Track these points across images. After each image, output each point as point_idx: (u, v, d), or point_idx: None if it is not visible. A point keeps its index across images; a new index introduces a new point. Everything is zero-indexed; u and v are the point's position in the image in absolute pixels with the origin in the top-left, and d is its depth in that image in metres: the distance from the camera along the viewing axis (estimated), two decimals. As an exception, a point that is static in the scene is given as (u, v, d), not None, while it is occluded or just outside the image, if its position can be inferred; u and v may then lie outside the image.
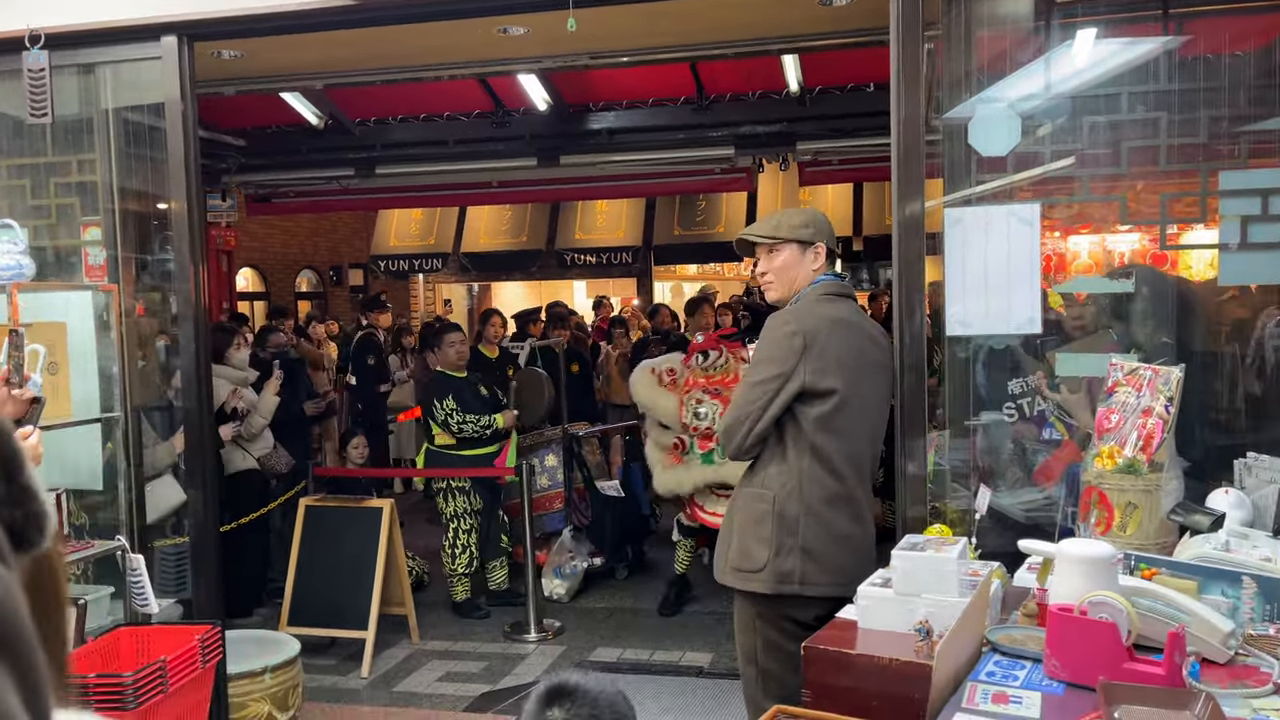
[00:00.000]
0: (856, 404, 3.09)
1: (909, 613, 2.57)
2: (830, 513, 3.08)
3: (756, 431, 3.07)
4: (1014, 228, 3.15)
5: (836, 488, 3.08)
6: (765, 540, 3.09)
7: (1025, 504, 3.55)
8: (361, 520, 6.10)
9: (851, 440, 3.10)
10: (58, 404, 3.66)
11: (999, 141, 3.18)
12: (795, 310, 3.17)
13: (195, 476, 4.05)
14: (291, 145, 7.73)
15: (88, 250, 3.98)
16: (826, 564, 3.06)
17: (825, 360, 3.04)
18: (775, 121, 6.87)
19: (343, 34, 3.92)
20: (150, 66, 3.85)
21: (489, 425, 6.54)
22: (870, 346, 3.20)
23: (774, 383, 3.04)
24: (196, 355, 4.01)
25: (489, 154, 7.43)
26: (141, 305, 4.09)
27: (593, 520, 7.45)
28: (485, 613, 6.74)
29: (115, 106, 4.05)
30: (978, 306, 3.20)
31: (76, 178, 4.04)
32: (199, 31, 3.79)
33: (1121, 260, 7.90)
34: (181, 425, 4.58)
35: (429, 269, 13.25)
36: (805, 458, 3.06)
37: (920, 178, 3.24)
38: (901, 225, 3.32)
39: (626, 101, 7.03)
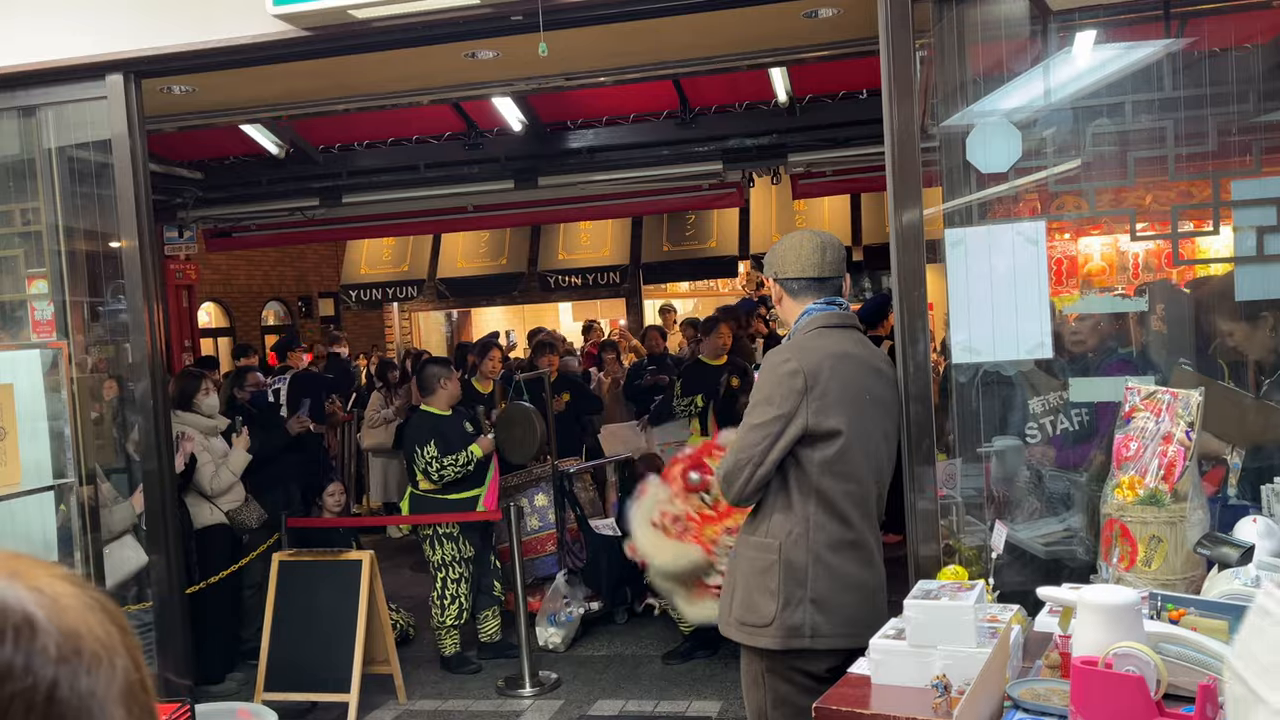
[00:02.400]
0: (861, 444, 3.08)
1: (924, 666, 2.56)
2: (839, 560, 3.06)
3: (758, 477, 3.05)
4: (1019, 247, 3.16)
5: (844, 533, 3.07)
6: (772, 592, 3.06)
7: (1045, 537, 3.55)
8: (340, 574, 6.06)
9: (857, 482, 3.09)
10: (6, 471, 3.64)
11: (999, 156, 3.19)
12: (794, 345, 3.16)
13: (157, 540, 4.02)
14: (251, 176, 7.74)
15: (34, 305, 3.97)
16: (837, 615, 3.04)
17: (827, 400, 3.02)
18: (764, 134, 6.90)
19: (301, 65, 3.93)
20: (96, 106, 3.85)
21: (468, 461, 6.49)
22: (874, 381, 3.18)
23: (775, 425, 3.02)
24: (155, 411, 4.00)
25: (463, 178, 7.44)
26: (97, 359, 4.07)
27: (588, 562, 7.41)
28: (477, 667, 6.69)
29: (59, 145, 4.04)
30: (984, 331, 3.20)
31: (20, 228, 4.03)
32: (146, 69, 3.79)
33: (1135, 263, 7.90)
34: (137, 483, 4.56)
35: (404, 297, 13.25)
36: (810, 503, 3.05)
37: (917, 191, 3.26)
38: (900, 241, 3.32)
39: (606, 118, 7.05)
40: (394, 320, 15.92)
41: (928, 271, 3.47)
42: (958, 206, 3.56)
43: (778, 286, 3.28)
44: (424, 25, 3.48)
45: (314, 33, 3.53)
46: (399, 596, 7.63)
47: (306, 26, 3.47)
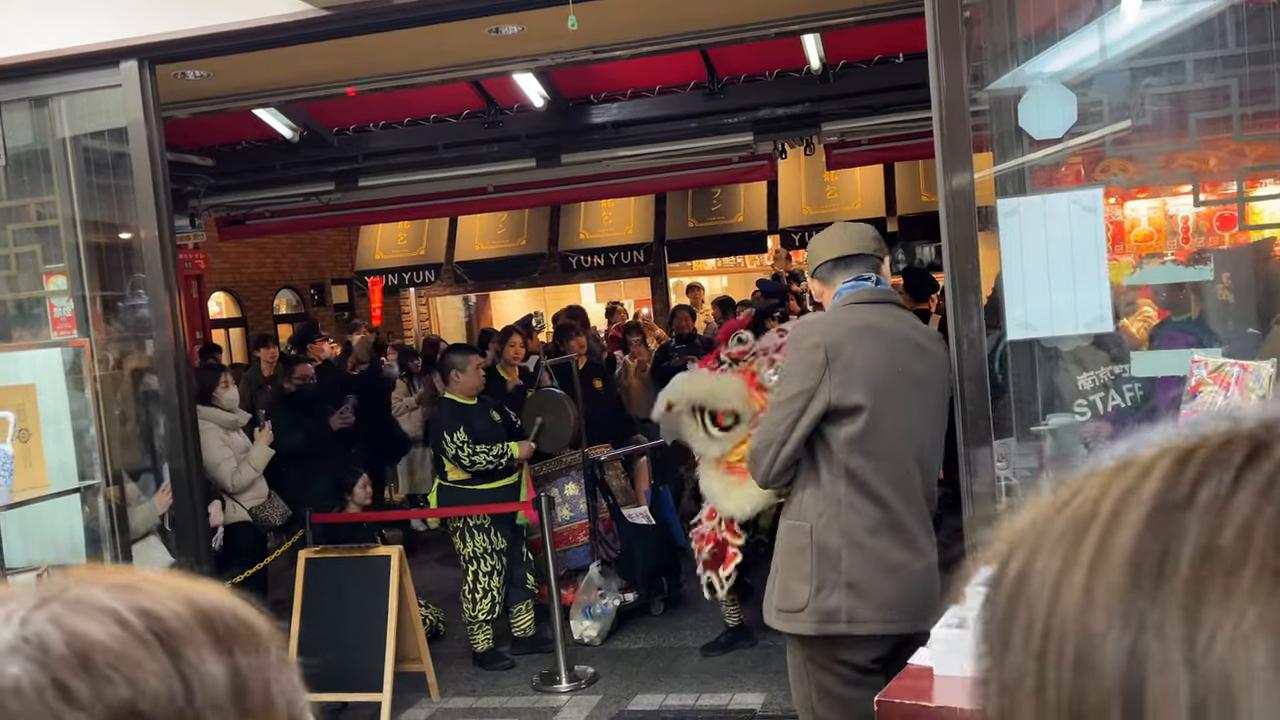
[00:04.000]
0: (893, 421, 3.07)
1: (989, 656, 2.55)
2: (875, 542, 3.05)
3: (784, 456, 3.07)
4: (1076, 216, 3.13)
5: (879, 514, 3.06)
6: (805, 576, 3.08)
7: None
8: (368, 570, 6.10)
9: (892, 461, 3.09)
10: (32, 474, 3.68)
11: (1053, 121, 3.16)
12: (820, 318, 3.23)
13: (187, 541, 4.06)
14: (264, 161, 7.76)
15: (53, 302, 4.01)
16: (876, 598, 3.04)
17: (851, 373, 3.02)
18: (797, 102, 6.85)
19: (318, 46, 3.93)
20: (110, 95, 3.87)
21: (503, 454, 6.52)
22: (912, 356, 3.16)
23: (798, 401, 3.04)
24: (180, 407, 4.03)
25: (483, 157, 7.44)
26: (118, 355, 4.11)
27: (622, 552, 7.43)
28: (510, 662, 6.73)
29: (74, 136, 4.07)
30: (1040, 306, 3.18)
31: (36, 223, 4.07)
32: (161, 54, 3.81)
33: (1185, 227, 7.81)
34: (163, 482, 4.61)
35: (421, 282, 13.29)
36: (841, 483, 3.06)
37: (968, 158, 3.23)
38: (950, 212, 3.29)
39: (631, 91, 7.02)
40: (411, 306, 15.96)
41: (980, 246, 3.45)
42: (1008, 170, 3.52)
43: (816, 283, 3.34)
44: (448, 0, 3.47)
45: (333, 12, 3.54)
46: (427, 591, 7.67)
47: (326, 6, 3.47)
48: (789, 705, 5.74)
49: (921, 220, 11.60)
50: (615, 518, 7.43)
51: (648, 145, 7.36)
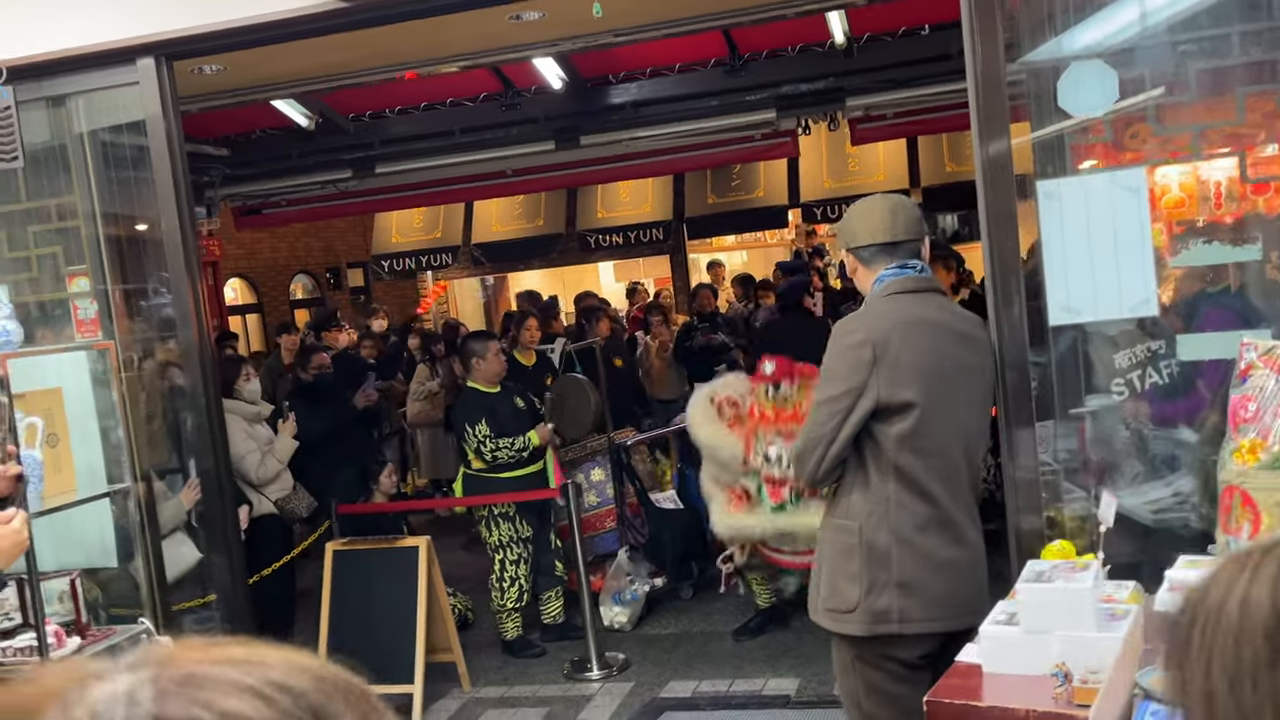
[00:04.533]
0: (943, 416, 3.03)
1: (1040, 653, 2.53)
2: (924, 539, 3.03)
3: (831, 455, 3.03)
4: (1118, 197, 3.08)
5: (929, 512, 3.03)
6: (855, 576, 3.05)
7: (1152, 504, 3.49)
8: (397, 562, 6.13)
9: (941, 457, 3.05)
10: (61, 478, 3.70)
11: (1093, 99, 3.10)
12: (862, 314, 3.14)
13: (218, 541, 4.08)
14: (280, 150, 7.76)
15: (76, 304, 4.01)
16: (927, 597, 3.02)
17: (899, 370, 2.97)
18: (820, 78, 6.78)
19: (336, 37, 3.91)
20: (127, 92, 3.86)
21: (524, 448, 6.52)
22: (958, 347, 3.11)
23: (844, 400, 2.99)
24: (208, 405, 4.04)
25: (501, 141, 7.41)
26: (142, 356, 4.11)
27: (650, 537, 7.44)
28: (540, 650, 6.76)
29: (91, 134, 4.06)
30: (1083, 290, 3.14)
31: (57, 224, 4.07)
32: (178, 50, 3.80)
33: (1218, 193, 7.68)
34: (189, 478, 4.64)
35: (438, 265, 13.28)
36: (890, 481, 3.02)
37: (1005, 131, 3.17)
38: (989, 190, 3.24)
39: (650, 70, 6.97)
40: (429, 289, 15.96)
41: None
42: (1045, 139, 3.45)
43: (851, 257, 3.26)
44: (468, -12, 3.45)
45: (353, 4, 3.51)
46: (454, 579, 7.69)
47: (345, -3, 3.45)
48: (824, 690, 5.78)
49: (946, 191, 11.50)
50: (643, 502, 7.44)
51: (668, 125, 7.31)
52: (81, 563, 3.99)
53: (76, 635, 3.68)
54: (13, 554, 2.85)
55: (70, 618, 3.72)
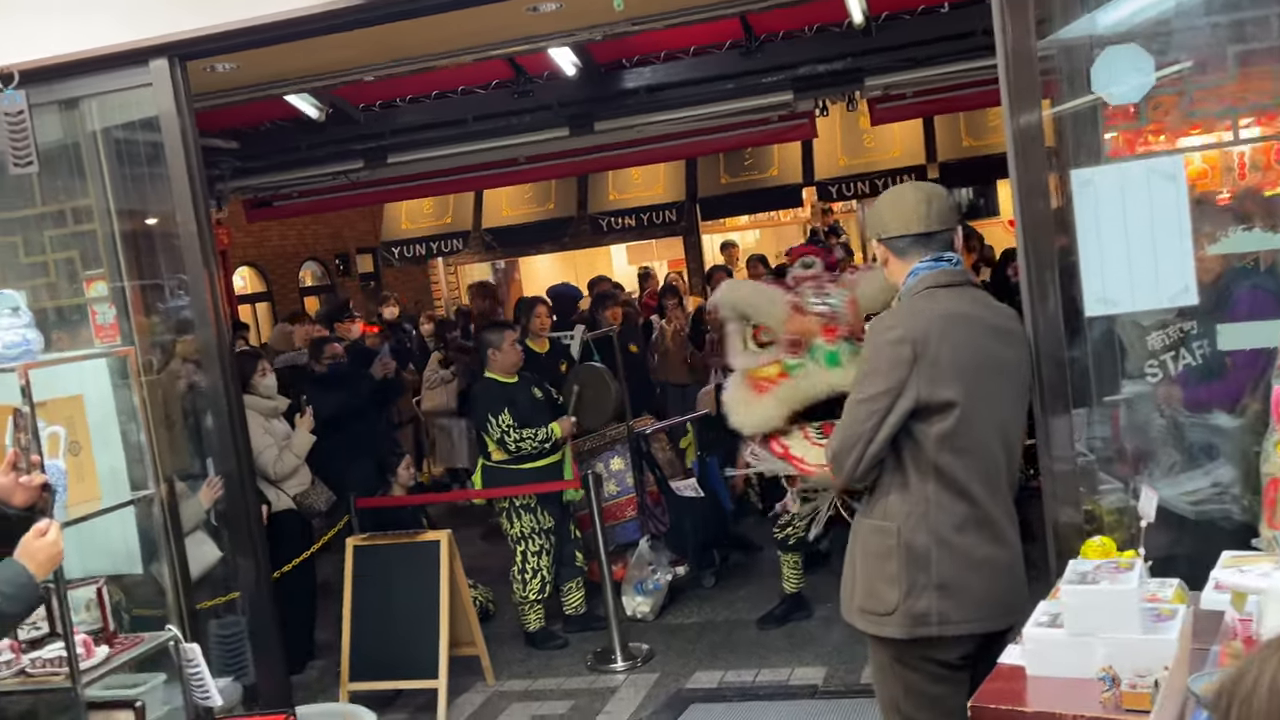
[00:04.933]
0: (983, 414, 2.99)
1: (1085, 655, 2.51)
2: (963, 539, 2.99)
3: (869, 456, 2.99)
4: (1155, 185, 3.04)
5: (968, 511, 3.00)
6: (893, 579, 3.02)
7: (1191, 495, 3.46)
8: (418, 556, 6.13)
9: (981, 455, 3.01)
10: (84, 486, 3.70)
11: (1128, 86, 3.06)
12: (898, 312, 3.09)
13: (243, 544, 4.09)
14: (290, 142, 7.73)
15: (95, 309, 4.00)
16: (966, 598, 3.00)
17: (939, 368, 2.93)
18: (838, 58, 6.71)
19: (350, 32, 3.88)
20: (141, 92, 3.84)
21: (548, 438, 6.53)
22: (995, 342, 3.07)
23: (883, 399, 2.95)
24: (229, 405, 4.04)
25: (514, 128, 7.37)
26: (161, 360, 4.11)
27: (671, 526, 7.44)
28: (563, 641, 6.78)
29: (105, 138, 4.05)
30: (1120, 280, 3.10)
31: (73, 227, 4.06)
32: (191, 51, 3.77)
33: (1241, 163, 7.61)
34: (209, 477, 4.64)
35: (449, 250, 13.26)
36: (929, 481, 2.99)
37: (1036, 100, 3.10)
38: (1022, 183, 3.19)
39: (665, 54, 6.91)
40: (440, 275, 15.94)
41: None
42: (1069, 112, 3.39)
43: (883, 248, 3.20)
44: (486, -18, 3.41)
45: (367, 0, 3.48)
46: (474, 570, 7.68)
47: (363, -8, 3.42)
48: (850, 679, 5.78)
49: (963, 166, 11.43)
50: (663, 491, 7.43)
51: (683, 109, 7.25)
52: (106, 570, 4.00)
53: (104, 644, 3.69)
54: (50, 566, 2.88)
55: (98, 626, 3.74)
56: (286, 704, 3.99)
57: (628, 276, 14.50)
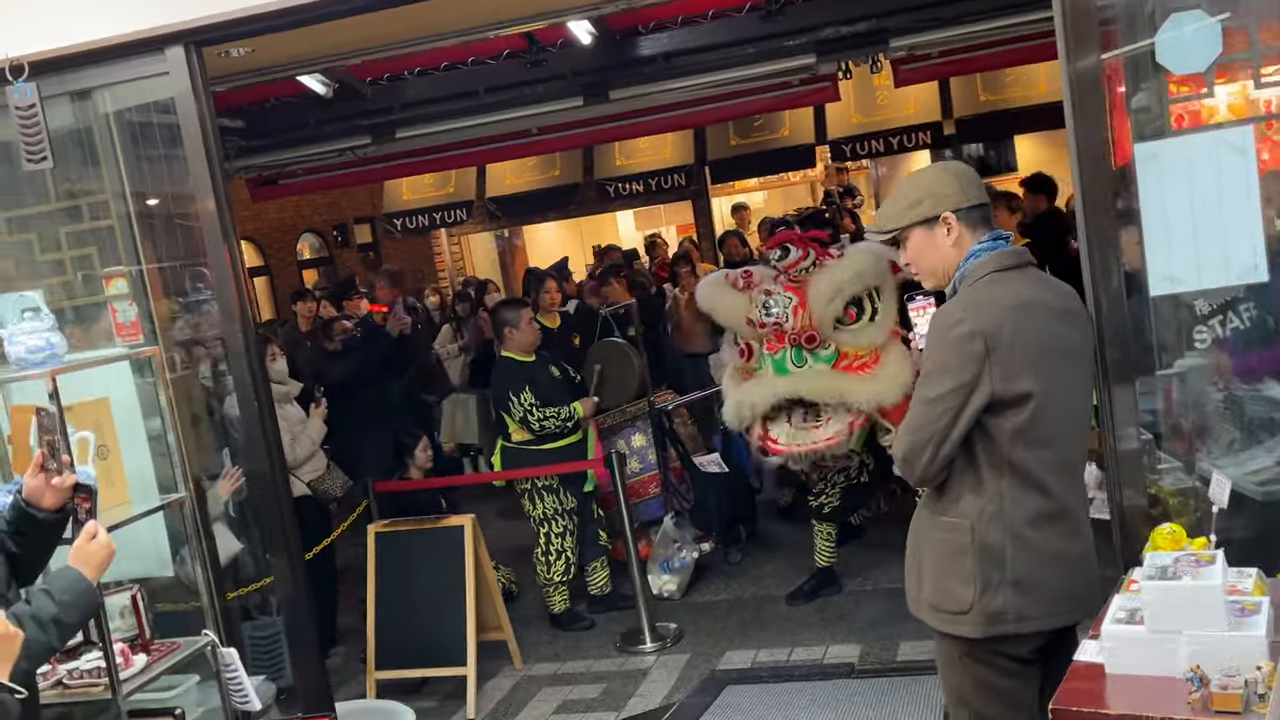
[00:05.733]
0: (1058, 403, 2.93)
1: (1168, 654, 2.49)
2: (1039, 535, 2.94)
3: (943, 455, 2.93)
4: (1223, 157, 2.98)
5: (1043, 504, 2.95)
6: (968, 577, 2.97)
7: (1256, 474, 3.42)
8: (441, 542, 6.12)
9: (1055, 447, 2.96)
10: (114, 491, 3.67)
11: (1194, 55, 2.99)
12: (964, 301, 2.98)
13: (278, 545, 4.06)
14: (296, 119, 7.64)
15: (115, 307, 3.95)
16: (1042, 594, 2.96)
17: (1012, 360, 2.86)
18: (862, 19, 6.59)
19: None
20: (157, 82, 3.77)
21: (570, 418, 6.50)
22: (1062, 325, 2.99)
23: (956, 397, 2.88)
24: (258, 399, 4.01)
25: (527, 99, 7.27)
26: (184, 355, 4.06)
27: (695, 501, 7.43)
28: (589, 622, 6.79)
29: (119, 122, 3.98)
30: (1186, 257, 3.05)
31: (90, 223, 4.00)
32: (208, 38, 3.70)
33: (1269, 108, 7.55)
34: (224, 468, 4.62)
35: (452, 221, 13.16)
36: (1004, 477, 2.94)
37: (1094, 45, 3.01)
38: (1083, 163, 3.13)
39: (682, 19, 6.80)
40: (443, 246, 15.83)
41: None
42: (1125, 55, 3.29)
43: (954, 220, 3.04)
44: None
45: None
46: (494, 551, 7.63)
47: (392, -28, 3.34)
48: (886, 656, 5.78)
49: (980, 121, 11.33)
50: (686, 466, 7.41)
51: (702, 75, 7.15)
52: (137, 573, 3.98)
53: (141, 652, 3.68)
54: (104, 569, 2.89)
55: (133, 633, 3.72)
56: (325, 704, 3.98)
57: (635, 241, 14.40)
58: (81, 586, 2.79)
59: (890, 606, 6.15)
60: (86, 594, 2.81)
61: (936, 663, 3.25)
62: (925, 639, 5.51)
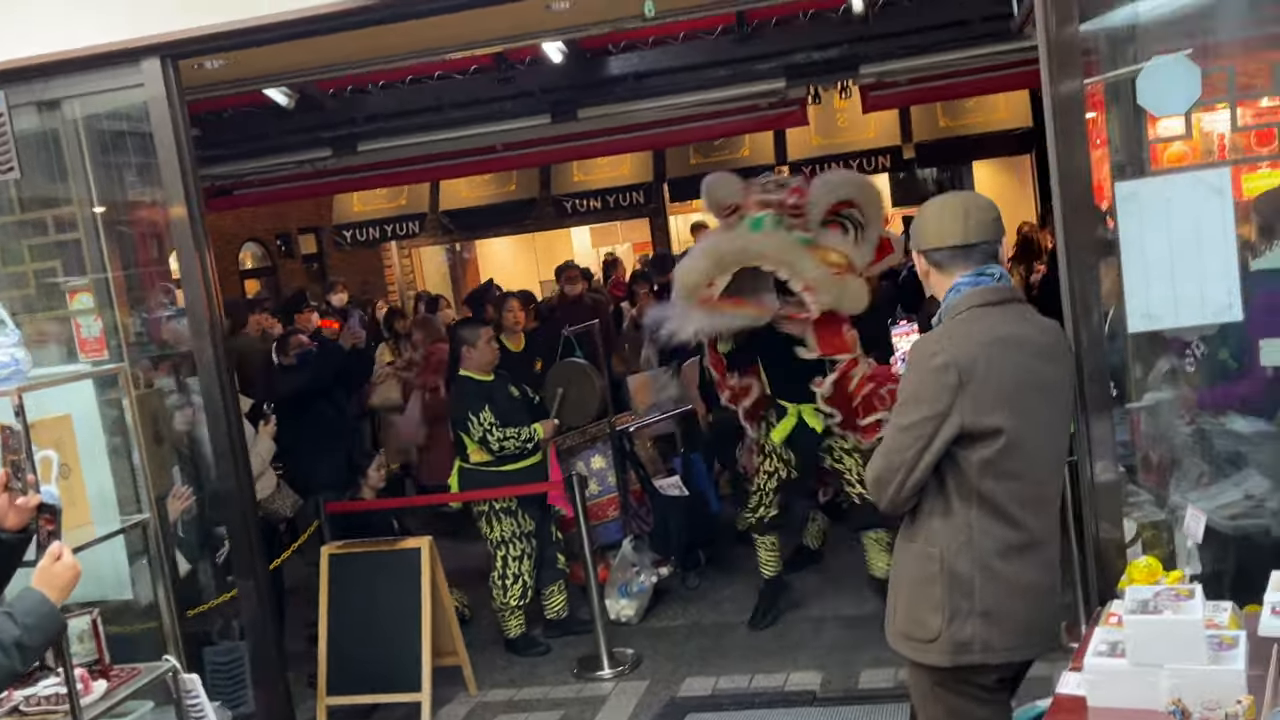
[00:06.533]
0: (1030, 439, 3.03)
1: (1149, 687, 2.58)
2: (1007, 566, 3.04)
3: (912, 483, 3.04)
4: (1201, 198, 3.11)
5: (1013, 536, 3.04)
6: (937, 605, 3.06)
7: (1226, 509, 3.54)
8: (397, 564, 6.10)
9: (1026, 480, 3.05)
10: (76, 511, 3.63)
11: (1174, 98, 3.11)
12: (943, 334, 3.10)
13: (245, 567, 4.04)
14: (255, 129, 7.59)
15: (79, 321, 3.92)
16: (1009, 625, 3.05)
17: (985, 394, 2.96)
18: (834, 45, 6.73)
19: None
20: (131, 94, 3.76)
21: (530, 439, 6.51)
22: (1042, 363, 3.10)
23: (927, 425, 2.98)
24: (227, 420, 3.99)
25: (494, 115, 7.29)
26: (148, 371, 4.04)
27: (655, 525, 7.46)
28: (545, 647, 6.78)
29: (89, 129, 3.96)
30: (1164, 295, 3.16)
31: (55, 236, 3.96)
32: (185, 51, 3.70)
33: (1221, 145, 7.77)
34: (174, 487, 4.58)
35: (404, 234, 13.11)
36: (973, 508, 3.03)
37: (1084, 151, 3.16)
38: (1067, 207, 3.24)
39: (653, 39, 6.88)
40: (393, 258, 15.74)
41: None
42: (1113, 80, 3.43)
43: (923, 260, 3.24)
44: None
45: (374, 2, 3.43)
46: (446, 573, 7.65)
47: (375, -9, 3.37)
48: (848, 684, 5.84)
49: (939, 146, 11.56)
50: (646, 489, 7.45)
51: (672, 96, 7.23)
52: (94, 596, 3.93)
53: (101, 678, 3.63)
54: (69, 591, 2.86)
55: (93, 658, 3.68)
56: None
57: (590, 259, 14.44)
58: (45, 609, 2.77)
59: (851, 633, 6.24)
60: (50, 617, 2.78)
61: (911, 694, 3.33)
62: (886, 666, 5.60)
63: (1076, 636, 5.58)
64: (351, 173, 9.13)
